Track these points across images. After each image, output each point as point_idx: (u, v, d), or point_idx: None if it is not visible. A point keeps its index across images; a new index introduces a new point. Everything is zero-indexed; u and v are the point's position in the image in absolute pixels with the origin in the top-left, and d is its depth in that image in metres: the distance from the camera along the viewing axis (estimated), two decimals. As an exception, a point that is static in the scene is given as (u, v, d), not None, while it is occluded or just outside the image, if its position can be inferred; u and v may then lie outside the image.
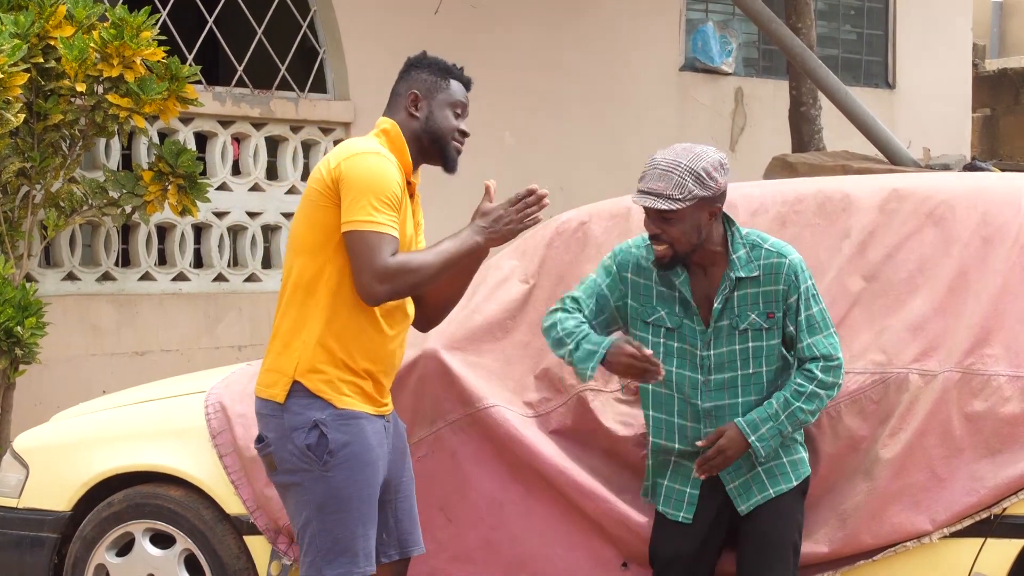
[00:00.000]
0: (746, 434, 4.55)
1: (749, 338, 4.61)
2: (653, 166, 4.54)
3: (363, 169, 4.36)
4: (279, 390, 4.40)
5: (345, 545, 4.39)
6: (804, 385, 4.55)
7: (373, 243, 4.31)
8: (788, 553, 4.60)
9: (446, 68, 4.60)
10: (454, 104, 4.58)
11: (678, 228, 4.53)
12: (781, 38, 10.37)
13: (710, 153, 4.57)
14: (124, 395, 6.02)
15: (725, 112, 12.46)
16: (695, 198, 4.49)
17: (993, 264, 4.76)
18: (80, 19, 7.34)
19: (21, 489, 5.61)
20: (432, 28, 10.41)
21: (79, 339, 8.86)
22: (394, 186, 4.37)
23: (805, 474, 4.66)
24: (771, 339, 4.60)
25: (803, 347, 4.58)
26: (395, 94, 4.60)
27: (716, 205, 4.56)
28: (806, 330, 4.58)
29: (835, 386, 4.58)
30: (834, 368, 4.56)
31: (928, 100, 13.94)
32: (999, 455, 4.56)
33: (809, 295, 4.60)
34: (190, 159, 7.87)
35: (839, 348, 4.59)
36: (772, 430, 4.55)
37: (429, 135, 4.55)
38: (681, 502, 4.69)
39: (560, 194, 10.79)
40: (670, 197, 4.49)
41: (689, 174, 4.49)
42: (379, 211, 4.32)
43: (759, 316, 4.59)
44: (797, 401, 4.54)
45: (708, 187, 4.51)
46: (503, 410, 5.00)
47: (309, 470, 4.37)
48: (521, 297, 5.23)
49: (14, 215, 7.56)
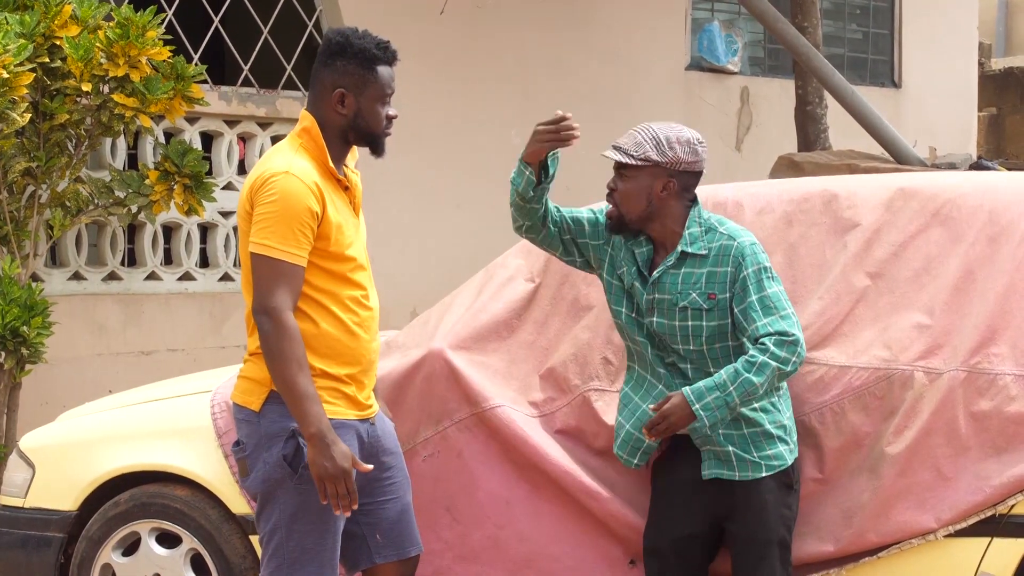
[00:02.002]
0: (691, 401, 4.52)
1: (689, 316, 4.62)
2: (635, 127, 4.72)
3: (271, 195, 4.29)
4: (255, 398, 4.39)
5: (312, 555, 4.39)
6: (755, 356, 4.51)
7: (270, 271, 4.27)
8: (772, 551, 4.59)
9: (371, 55, 4.42)
10: (382, 97, 4.44)
11: (625, 186, 4.68)
12: (787, 37, 10.37)
13: (683, 130, 4.69)
14: (130, 395, 6.02)
15: (731, 111, 12.45)
16: (646, 160, 4.62)
17: (999, 263, 4.76)
18: (86, 19, 7.34)
19: (27, 488, 5.61)
20: (437, 28, 10.42)
21: (85, 339, 8.87)
22: (301, 212, 4.28)
23: (781, 467, 4.62)
24: (711, 320, 4.60)
25: (757, 327, 4.54)
26: (318, 84, 4.45)
27: (671, 179, 4.62)
28: (759, 311, 4.55)
29: (789, 361, 4.51)
30: (788, 343, 4.50)
31: (934, 99, 13.93)
32: (1005, 454, 4.56)
33: (760, 278, 4.58)
34: (196, 159, 7.87)
35: (796, 327, 4.54)
36: (718, 400, 4.51)
37: (357, 131, 4.45)
38: (637, 451, 4.71)
39: (566, 193, 10.76)
40: (625, 151, 4.67)
41: (651, 138, 4.66)
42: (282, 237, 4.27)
43: (699, 296, 4.60)
44: (747, 372, 4.50)
45: (663, 154, 4.62)
46: (509, 410, 5.00)
47: (283, 480, 4.35)
48: (527, 296, 5.23)
49: (20, 215, 7.57)
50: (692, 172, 4.66)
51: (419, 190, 10.60)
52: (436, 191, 10.72)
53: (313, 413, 4.23)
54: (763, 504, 4.60)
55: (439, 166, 10.71)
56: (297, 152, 4.39)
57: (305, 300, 4.35)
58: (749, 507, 4.60)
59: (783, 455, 4.63)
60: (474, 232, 10.62)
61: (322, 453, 4.22)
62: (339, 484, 4.23)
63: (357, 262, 4.45)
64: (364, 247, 4.53)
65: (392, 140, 4.56)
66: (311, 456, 4.24)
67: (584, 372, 5.04)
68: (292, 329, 4.26)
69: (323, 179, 4.37)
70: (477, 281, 5.38)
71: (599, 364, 5.04)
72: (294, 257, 4.29)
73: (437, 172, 10.71)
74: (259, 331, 4.29)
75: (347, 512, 4.30)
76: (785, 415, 4.65)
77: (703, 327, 4.62)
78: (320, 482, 4.24)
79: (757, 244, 4.64)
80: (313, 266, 4.35)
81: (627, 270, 4.73)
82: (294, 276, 4.29)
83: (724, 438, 4.60)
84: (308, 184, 4.31)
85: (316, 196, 4.31)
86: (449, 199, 10.82)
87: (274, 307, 4.26)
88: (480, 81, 11.02)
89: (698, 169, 4.66)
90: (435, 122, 10.63)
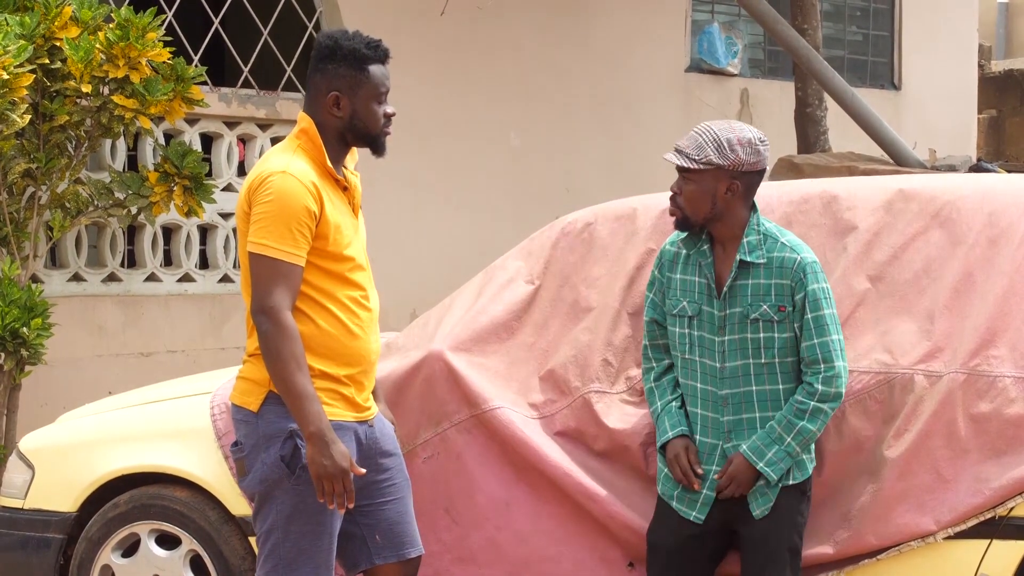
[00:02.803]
0: (753, 462, 4.57)
1: (760, 328, 4.61)
2: (693, 128, 4.67)
3: (268, 194, 4.30)
4: (253, 399, 4.39)
5: (308, 556, 4.40)
6: (805, 403, 4.56)
7: (268, 271, 4.27)
8: (783, 556, 4.60)
9: (362, 56, 4.41)
10: (378, 95, 4.43)
11: (689, 190, 4.62)
12: (787, 39, 10.37)
13: (744, 130, 4.64)
14: (130, 396, 6.02)
15: (731, 113, 12.45)
16: (709, 163, 4.58)
17: (999, 265, 4.76)
18: (86, 20, 7.34)
19: (27, 490, 5.61)
20: (438, 29, 10.42)
21: (85, 340, 8.87)
22: (298, 211, 4.28)
23: (806, 475, 4.66)
24: (782, 332, 4.61)
25: (806, 347, 4.58)
26: (312, 88, 4.45)
27: (735, 181, 4.60)
28: (813, 330, 4.58)
29: (837, 396, 4.57)
30: (833, 378, 4.56)
31: (934, 101, 13.93)
32: (1004, 456, 4.56)
33: (818, 297, 4.59)
34: (196, 160, 7.87)
35: (840, 355, 4.58)
36: (779, 453, 4.56)
37: (354, 132, 4.44)
38: (695, 502, 4.69)
39: (566, 195, 10.80)
40: (687, 155, 4.61)
41: (712, 140, 4.60)
42: (279, 236, 4.28)
43: (771, 308, 4.61)
44: (801, 420, 4.55)
45: (725, 156, 4.57)
46: (508, 412, 5.00)
47: (280, 481, 4.36)
48: (526, 298, 5.23)
49: (20, 216, 7.57)
50: (755, 172, 4.65)
51: (419, 191, 10.60)
52: (436, 192, 10.73)
53: (312, 412, 4.23)
54: (778, 511, 4.61)
55: (439, 167, 10.71)
56: (295, 153, 4.40)
57: (304, 300, 4.35)
58: (768, 516, 4.61)
59: (805, 465, 4.65)
60: (474, 234, 10.62)
61: (321, 452, 4.22)
62: (337, 483, 4.24)
63: (356, 262, 4.45)
64: (364, 248, 4.53)
65: (392, 141, 4.56)
66: (310, 454, 4.24)
67: (584, 374, 5.04)
68: (290, 328, 4.26)
69: (321, 179, 4.38)
70: (477, 283, 5.38)
71: (599, 366, 5.04)
72: (292, 257, 4.29)
73: (437, 173, 10.71)
74: (257, 331, 4.30)
75: (342, 509, 4.31)
76: None
77: (773, 339, 4.61)
78: (318, 481, 4.24)
79: (818, 263, 4.65)
80: (312, 266, 4.35)
81: (688, 302, 4.70)
82: (292, 276, 4.30)
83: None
84: (305, 184, 4.31)
85: (314, 196, 4.32)
86: (449, 200, 10.82)
87: (272, 306, 4.26)
88: (480, 82, 11.01)
89: (761, 168, 4.66)
90: (435, 123, 10.63)
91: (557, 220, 5.39)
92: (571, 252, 5.26)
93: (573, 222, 5.33)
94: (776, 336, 4.61)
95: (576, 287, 5.19)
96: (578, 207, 5.51)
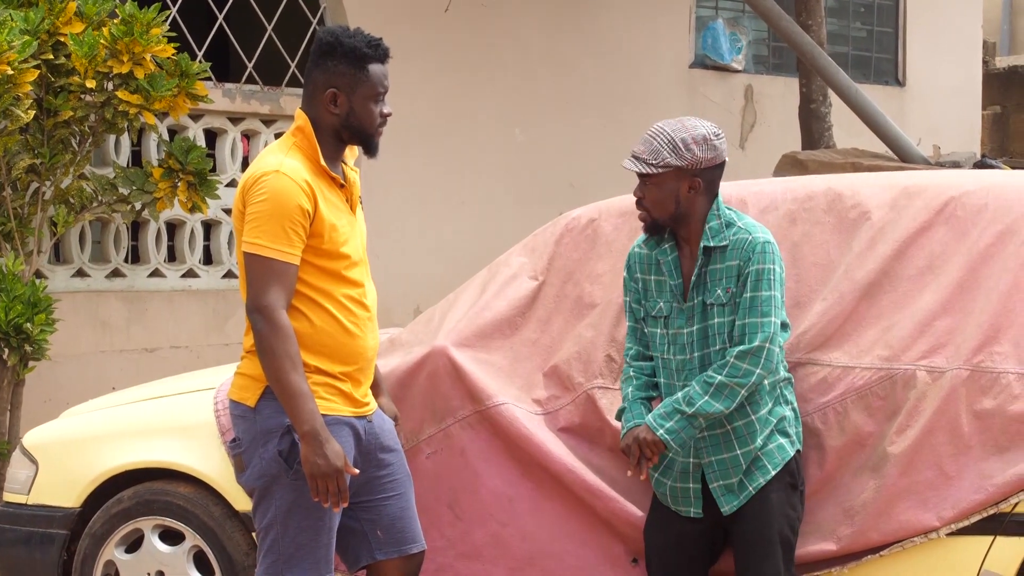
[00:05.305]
0: (653, 428, 4.56)
1: (715, 314, 4.61)
2: (646, 131, 4.66)
3: (261, 194, 4.31)
4: (251, 394, 4.40)
5: (308, 551, 4.40)
6: (712, 377, 4.54)
7: (262, 270, 4.28)
8: (775, 550, 4.58)
9: (362, 54, 4.40)
10: (375, 95, 4.42)
11: (653, 194, 4.64)
12: (791, 35, 10.36)
13: (697, 126, 4.63)
14: (133, 392, 6.03)
15: (735, 109, 12.45)
16: (667, 166, 4.59)
17: (1003, 261, 4.75)
18: (90, 15, 7.34)
19: (30, 485, 5.61)
20: (442, 25, 10.42)
21: (89, 336, 8.88)
22: (292, 210, 4.29)
23: (785, 459, 4.62)
24: (730, 315, 4.60)
25: (737, 325, 4.56)
26: (311, 84, 4.44)
27: (696, 178, 4.61)
28: (747, 309, 4.56)
29: (747, 374, 4.50)
30: (747, 354, 4.51)
31: (938, 97, 13.93)
32: (1007, 453, 4.55)
33: (760, 277, 4.56)
34: (200, 156, 7.87)
35: (769, 337, 4.52)
36: (680, 422, 4.54)
37: (350, 130, 4.44)
38: (688, 499, 4.69)
39: (570, 191, 10.80)
40: (645, 161, 4.61)
41: (667, 142, 4.60)
42: (273, 235, 4.28)
43: (722, 291, 4.60)
44: (704, 395, 4.52)
45: (683, 157, 4.58)
46: (512, 408, 5.00)
47: (279, 476, 4.36)
48: (530, 294, 5.23)
49: (24, 211, 7.57)
50: (714, 167, 4.65)
51: (423, 187, 10.60)
52: (440, 188, 10.73)
53: (306, 411, 4.24)
54: (768, 505, 4.60)
55: (443, 163, 10.71)
56: (289, 151, 4.40)
57: (300, 298, 4.35)
58: (753, 507, 4.60)
59: (784, 448, 4.62)
60: (477, 230, 10.62)
61: (315, 451, 4.23)
62: (330, 482, 4.25)
63: (352, 260, 4.45)
64: (362, 245, 4.53)
65: (396, 137, 4.56)
66: (304, 453, 4.25)
67: (588, 370, 5.04)
68: (285, 327, 4.27)
69: (315, 177, 4.38)
70: (480, 279, 5.38)
71: (603, 362, 5.04)
72: (286, 255, 4.29)
73: (441, 169, 10.71)
74: (252, 329, 4.31)
75: (336, 508, 4.31)
76: (787, 408, 4.65)
77: (724, 323, 4.60)
78: (312, 479, 4.25)
79: (772, 244, 4.62)
80: (307, 264, 4.35)
81: (663, 302, 4.70)
82: (286, 274, 4.30)
83: (727, 472, 4.61)
84: (298, 182, 4.31)
85: (307, 194, 4.32)
86: (453, 196, 10.82)
87: (267, 305, 4.27)
88: (484, 78, 11.01)
89: (719, 162, 4.65)
90: (439, 119, 10.63)
91: (561, 216, 5.39)
92: (575, 248, 5.25)
93: (577, 218, 5.33)
94: (726, 321, 4.60)
95: (580, 283, 5.19)
96: (582, 203, 5.51)
